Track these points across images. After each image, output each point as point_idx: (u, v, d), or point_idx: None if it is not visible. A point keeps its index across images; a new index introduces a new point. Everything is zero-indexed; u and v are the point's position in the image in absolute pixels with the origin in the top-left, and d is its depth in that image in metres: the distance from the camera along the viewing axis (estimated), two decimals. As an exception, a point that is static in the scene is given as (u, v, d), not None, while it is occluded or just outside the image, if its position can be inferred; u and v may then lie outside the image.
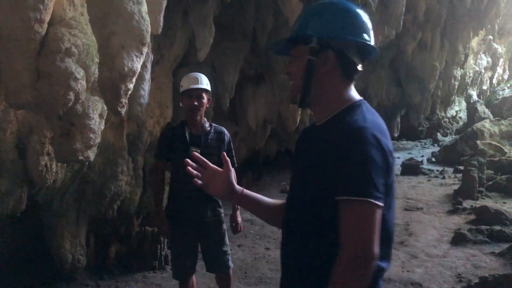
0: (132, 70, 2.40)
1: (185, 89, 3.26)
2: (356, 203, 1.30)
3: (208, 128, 3.34)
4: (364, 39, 1.47)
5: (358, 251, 1.29)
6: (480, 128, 12.55)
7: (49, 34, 2.24)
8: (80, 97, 2.39)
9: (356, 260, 1.28)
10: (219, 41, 5.96)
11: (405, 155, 13.86)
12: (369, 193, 1.30)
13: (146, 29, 2.43)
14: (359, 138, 1.34)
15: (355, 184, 1.31)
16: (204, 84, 3.27)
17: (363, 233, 1.30)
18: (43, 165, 3.40)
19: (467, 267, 5.07)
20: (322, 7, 1.53)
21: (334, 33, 1.46)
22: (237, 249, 5.70)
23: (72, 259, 4.40)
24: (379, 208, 1.31)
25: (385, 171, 1.35)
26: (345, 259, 1.30)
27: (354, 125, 1.38)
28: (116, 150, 4.47)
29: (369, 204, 1.30)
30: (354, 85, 1.54)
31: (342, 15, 1.49)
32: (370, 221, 1.30)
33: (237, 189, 1.63)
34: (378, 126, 1.41)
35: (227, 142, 3.40)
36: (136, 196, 4.86)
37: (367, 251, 1.29)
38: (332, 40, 1.46)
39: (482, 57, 18.31)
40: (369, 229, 1.30)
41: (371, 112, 1.47)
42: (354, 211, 1.31)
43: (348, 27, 1.47)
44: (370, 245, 1.29)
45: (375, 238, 1.31)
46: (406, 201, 8.29)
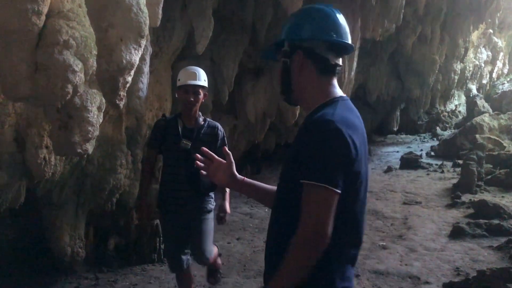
0: (131, 63, 2.38)
1: (182, 84, 3.27)
2: (312, 187, 1.45)
3: (201, 122, 3.34)
4: (331, 37, 1.61)
5: (309, 232, 1.44)
6: (479, 122, 12.55)
7: (47, 26, 2.22)
8: (78, 90, 2.37)
9: (306, 239, 1.44)
10: (218, 34, 5.93)
11: (404, 149, 13.87)
12: (324, 179, 1.44)
13: (144, 22, 2.41)
14: (322, 129, 1.49)
15: (313, 170, 1.46)
16: (201, 80, 3.27)
17: (315, 215, 1.45)
18: (41, 158, 3.39)
19: (465, 260, 5.08)
20: (298, 12, 1.74)
21: (303, 35, 1.62)
22: (236, 242, 5.72)
23: (71, 252, 4.41)
24: (334, 194, 1.45)
25: (347, 162, 1.48)
26: (298, 238, 1.46)
27: (320, 118, 1.52)
28: (115, 143, 4.46)
29: (323, 189, 1.44)
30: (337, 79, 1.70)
31: (312, 17, 1.65)
32: (323, 205, 1.44)
33: (239, 178, 1.82)
34: (346, 121, 1.52)
35: (221, 137, 3.39)
36: (135, 189, 4.85)
37: (317, 232, 1.44)
38: (302, 42, 1.62)
39: (482, 51, 18.27)
40: (322, 212, 1.44)
41: (345, 108, 1.60)
42: (310, 194, 1.46)
43: (317, 28, 1.62)
44: (321, 227, 1.44)
45: (327, 221, 1.45)
46: (404, 195, 8.31)
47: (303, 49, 1.62)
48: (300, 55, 1.62)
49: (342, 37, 1.64)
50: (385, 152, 13.65)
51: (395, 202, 7.87)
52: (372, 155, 12.88)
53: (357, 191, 1.56)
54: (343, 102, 1.63)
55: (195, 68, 3.36)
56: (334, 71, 1.66)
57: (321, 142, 1.47)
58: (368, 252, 5.36)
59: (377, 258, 5.17)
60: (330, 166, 1.45)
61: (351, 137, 1.49)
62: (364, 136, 1.61)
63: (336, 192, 1.45)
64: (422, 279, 4.58)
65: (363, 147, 1.58)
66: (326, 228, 1.44)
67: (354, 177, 1.52)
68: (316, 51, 1.62)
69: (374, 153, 13.18)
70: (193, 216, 3.33)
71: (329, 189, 1.44)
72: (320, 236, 1.44)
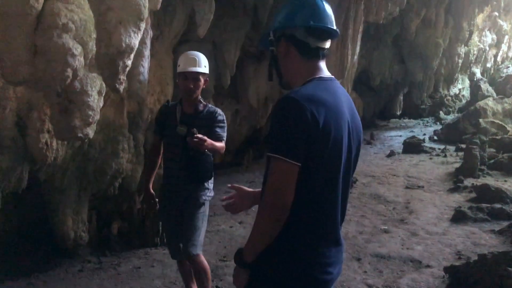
0: (130, 46, 2.37)
1: (181, 71, 3.19)
2: (273, 159, 1.55)
3: (201, 108, 3.25)
4: (308, 23, 1.71)
5: (269, 201, 1.56)
6: (483, 107, 12.47)
7: (45, 9, 2.21)
8: (78, 74, 2.36)
9: (266, 208, 1.57)
10: (220, 17, 5.89)
11: (407, 133, 13.82)
12: (282, 151, 1.53)
13: (144, 5, 2.39)
14: (282, 106, 1.58)
15: (272, 143, 1.57)
16: (202, 66, 3.18)
17: (274, 186, 1.55)
18: (43, 142, 3.40)
19: (466, 244, 5.09)
20: (284, 3, 1.82)
21: (284, 23, 1.75)
22: (238, 226, 5.75)
23: (74, 236, 4.45)
24: (292, 165, 1.53)
25: (308, 135, 1.54)
26: (260, 207, 1.60)
27: (285, 96, 1.61)
28: (116, 127, 4.46)
29: (281, 161, 1.53)
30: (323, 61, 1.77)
31: (293, 6, 1.77)
32: (281, 176, 1.54)
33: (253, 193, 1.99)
34: (310, 97, 1.59)
35: (220, 120, 3.24)
36: (137, 173, 4.87)
37: (275, 201, 1.55)
38: (284, 29, 1.75)
39: (487, 34, 18.09)
40: (280, 182, 1.54)
41: (316, 87, 1.67)
42: (271, 165, 1.57)
43: (296, 15, 1.74)
44: (279, 197, 1.54)
45: (285, 191, 1.55)
46: (407, 179, 8.30)
47: (285, 36, 1.74)
48: (283, 42, 1.75)
49: (321, 22, 1.73)
50: (387, 137, 13.61)
51: (397, 186, 7.86)
52: (375, 139, 12.86)
53: (328, 166, 1.62)
54: (319, 82, 1.71)
55: (195, 53, 3.27)
56: (317, 54, 1.75)
57: (280, 117, 1.57)
58: (370, 236, 5.38)
59: (379, 242, 5.19)
60: (287, 139, 1.54)
61: (312, 111, 1.55)
62: (340, 113, 1.66)
63: (294, 164, 1.53)
64: (424, 263, 4.60)
65: (338, 125, 1.63)
66: (284, 198, 1.54)
67: (320, 151, 1.59)
68: (297, 37, 1.73)
69: (376, 138, 13.15)
70: (186, 206, 3.25)
71: (286, 161, 1.52)
72: (278, 205, 1.55)
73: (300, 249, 1.65)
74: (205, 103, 3.30)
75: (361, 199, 7.02)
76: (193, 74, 3.14)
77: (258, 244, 1.63)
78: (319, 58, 1.76)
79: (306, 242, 1.65)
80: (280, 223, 1.58)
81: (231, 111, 7.46)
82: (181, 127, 3.11)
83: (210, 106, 3.30)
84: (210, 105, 3.32)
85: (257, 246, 1.63)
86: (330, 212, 1.69)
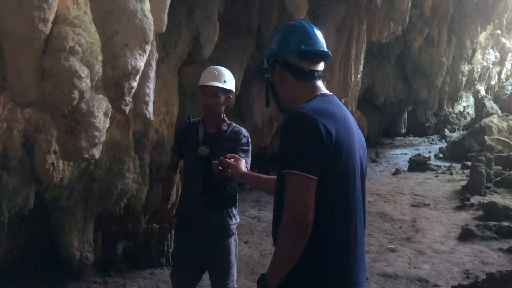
0: (136, 69, 2.41)
1: (199, 84, 2.98)
2: (289, 175, 1.54)
3: (224, 127, 3.01)
4: (299, 47, 1.76)
5: (290, 220, 1.52)
6: (488, 124, 12.46)
7: (53, 33, 2.25)
8: (85, 96, 2.40)
9: (288, 227, 1.52)
10: (224, 38, 5.96)
11: (412, 151, 13.81)
12: (297, 166, 1.52)
13: (149, 28, 2.44)
14: (293, 121, 1.60)
15: (288, 159, 1.57)
16: (221, 81, 2.92)
17: (293, 203, 1.53)
18: (50, 163, 3.44)
19: (474, 263, 5.05)
20: (274, 32, 1.94)
21: (276, 50, 1.80)
22: (244, 245, 5.72)
23: (80, 256, 4.44)
24: (310, 180, 1.52)
25: (321, 147, 1.54)
26: (282, 227, 1.55)
27: (293, 112, 1.64)
28: (122, 148, 4.49)
29: (298, 176, 1.52)
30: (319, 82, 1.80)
31: (282, 33, 1.84)
32: (299, 191, 1.52)
33: (243, 172, 2.14)
34: (318, 110, 1.61)
35: (244, 143, 2.98)
36: (143, 193, 4.88)
37: (297, 219, 1.51)
38: (276, 57, 1.80)
39: (490, 52, 18.16)
40: (299, 199, 1.52)
41: (321, 101, 1.70)
42: (288, 182, 1.55)
43: (287, 41, 1.79)
44: (300, 214, 1.51)
45: (306, 207, 1.52)
46: (413, 197, 8.27)
47: (278, 63, 1.79)
48: (277, 68, 1.79)
49: (312, 46, 1.78)
50: (393, 155, 13.60)
51: (403, 204, 7.83)
52: (380, 158, 12.84)
53: (344, 179, 1.62)
54: (322, 97, 1.74)
55: (217, 67, 3.04)
56: (313, 76, 1.78)
57: (292, 132, 1.58)
58: (376, 255, 5.34)
59: (385, 261, 5.15)
60: (302, 153, 1.54)
61: (324, 124, 1.56)
62: (348, 125, 1.69)
63: (311, 178, 1.52)
64: (431, 282, 4.56)
65: (349, 136, 1.65)
66: (305, 214, 1.51)
67: (336, 165, 1.58)
68: (290, 62, 1.77)
69: (382, 156, 13.14)
70: (213, 239, 2.94)
71: (303, 175, 1.51)
72: (300, 223, 1.51)
73: (325, 270, 1.60)
74: (229, 122, 3.07)
75: (367, 217, 6.96)
76: (211, 89, 2.91)
77: (283, 268, 1.57)
78: (316, 79, 1.79)
79: (330, 262, 1.61)
80: (304, 242, 1.53)
81: (236, 131, 7.50)
82: (204, 147, 2.90)
83: (234, 126, 3.06)
84: (234, 124, 3.08)
85: (281, 269, 1.58)
86: (352, 228, 1.65)
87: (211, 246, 2.95)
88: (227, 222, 2.95)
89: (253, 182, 2.21)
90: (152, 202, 5.22)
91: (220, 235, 2.94)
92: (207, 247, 2.95)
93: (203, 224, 2.91)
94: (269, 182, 2.06)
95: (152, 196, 5.16)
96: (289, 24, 1.90)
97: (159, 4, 2.93)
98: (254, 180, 2.19)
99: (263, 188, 2.14)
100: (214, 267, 2.98)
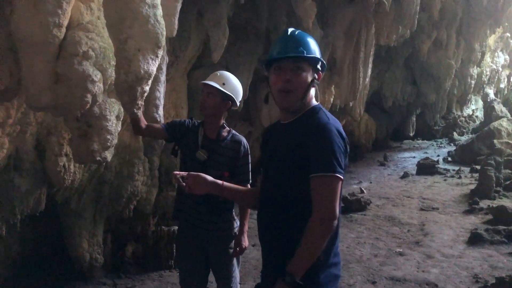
0: (148, 73, 2.44)
1: (200, 82, 3.02)
2: (325, 177, 1.76)
3: (224, 134, 2.98)
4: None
5: (325, 214, 1.75)
6: (497, 127, 12.38)
7: (67, 38, 2.29)
8: (97, 99, 2.43)
9: (323, 220, 1.74)
10: (233, 42, 5.99)
11: (421, 154, 13.75)
12: (334, 169, 1.75)
13: (161, 33, 2.47)
14: (326, 129, 1.82)
15: (325, 163, 1.76)
16: (219, 82, 2.91)
17: (329, 200, 1.76)
18: (61, 166, 3.48)
19: (483, 267, 5.02)
20: (310, 35, 2.04)
21: (319, 55, 1.97)
22: (252, 248, 5.73)
23: (89, 258, 4.48)
24: (340, 180, 1.78)
25: (344, 154, 1.82)
26: (315, 220, 1.74)
27: (321, 121, 1.86)
28: (132, 150, 4.53)
29: (334, 178, 1.76)
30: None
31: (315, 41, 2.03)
32: (334, 191, 1.77)
33: (219, 183, 2.09)
34: (336, 123, 1.89)
35: (243, 154, 2.97)
36: (152, 196, 4.92)
37: (331, 213, 1.76)
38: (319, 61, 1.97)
39: (499, 55, 18.07)
40: (333, 197, 1.76)
41: (329, 113, 1.95)
42: (323, 183, 1.76)
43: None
44: (333, 211, 1.76)
45: (337, 204, 1.78)
46: (421, 201, 8.24)
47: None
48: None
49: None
50: (401, 158, 13.55)
51: (411, 208, 7.81)
52: (388, 161, 12.80)
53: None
54: (324, 109, 1.99)
55: (224, 72, 3.05)
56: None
57: (327, 140, 1.79)
58: (385, 259, 5.33)
59: (394, 264, 5.15)
60: (336, 158, 1.76)
61: (344, 134, 1.86)
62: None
63: (341, 178, 1.78)
64: (440, 286, 4.55)
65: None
66: (336, 211, 1.77)
67: (346, 166, 1.85)
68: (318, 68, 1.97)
69: (390, 159, 13.10)
70: (216, 242, 2.96)
71: (337, 177, 1.76)
72: (333, 218, 1.76)
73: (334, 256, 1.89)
74: (229, 129, 3.04)
75: (376, 221, 6.97)
76: (207, 87, 2.92)
77: (311, 259, 1.75)
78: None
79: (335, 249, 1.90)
80: (330, 235, 1.78)
81: (244, 133, 7.52)
82: (202, 152, 2.89)
83: (234, 133, 3.03)
84: (234, 132, 3.05)
85: (309, 261, 1.75)
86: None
87: (216, 248, 2.98)
88: (230, 224, 3.01)
89: (228, 193, 2.14)
90: (161, 205, 5.26)
91: (221, 237, 2.98)
92: (211, 251, 2.99)
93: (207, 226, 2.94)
94: (247, 194, 2.21)
95: (161, 199, 5.20)
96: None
97: (170, 9, 2.97)
98: (230, 191, 2.14)
99: (241, 200, 2.24)
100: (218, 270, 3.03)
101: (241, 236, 3.01)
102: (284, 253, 1.82)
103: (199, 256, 3.00)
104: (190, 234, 3.00)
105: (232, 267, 3.02)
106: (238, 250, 3.00)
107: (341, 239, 5.88)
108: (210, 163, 2.86)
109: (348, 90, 7.81)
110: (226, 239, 2.99)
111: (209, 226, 2.94)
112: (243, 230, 3.03)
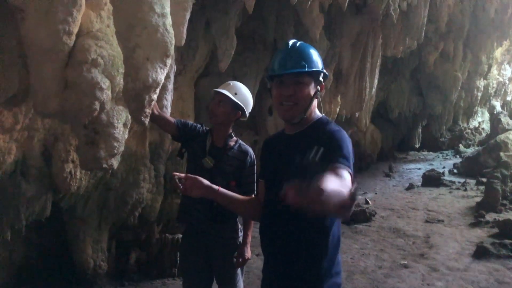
0: (156, 81, 2.45)
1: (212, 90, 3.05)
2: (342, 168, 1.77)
3: (231, 143, 2.99)
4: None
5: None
6: (503, 140, 12.31)
7: (76, 45, 2.31)
8: (105, 107, 2.45)
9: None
10: (240, 51, 6.02)
11: (426, 166, 13.69)
12: (349, 166, 1.77)
13: (170, 42, 2.49)
14: (341, 134, 1.88)
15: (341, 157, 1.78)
16: (231, 92, 2.94)
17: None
18: (67, 172, 3.49)
19: (489, 282, 4.97)
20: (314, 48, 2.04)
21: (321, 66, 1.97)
22: (256, 258, 5.71)
23: (94, 265, 4.48)
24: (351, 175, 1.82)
25: (353, 160, 1.88)
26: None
27: (333, 128, 1.92)
28: (138, 158, 4.54)
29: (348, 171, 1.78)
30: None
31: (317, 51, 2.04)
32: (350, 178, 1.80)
33: (214, 188, 2.07)
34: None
35: (249, 164, 2.98)
36: (157, 203, 4.91)
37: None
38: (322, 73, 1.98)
39: (506, 68, 18.03)
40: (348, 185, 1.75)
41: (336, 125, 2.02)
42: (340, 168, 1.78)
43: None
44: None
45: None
46: (427, 213, 8.18)
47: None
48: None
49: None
50: (406, 169, 13.50)
51: (417, 220, 7.76)
52: (394, 172, 12.75)
53: None
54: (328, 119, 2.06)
55: (237, 83, 3.09)
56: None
57: (344, 143, 1.85)
58: (389, 271, 5.29)
59: (398, 277, 5.11)
60: (351, 158, 1.83)
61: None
62: None
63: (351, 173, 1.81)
64: (445, 300, 4.51)
65: None
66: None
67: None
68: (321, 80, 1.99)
69: (395, 170, 13.05)
70: (218, 252, 2.96)
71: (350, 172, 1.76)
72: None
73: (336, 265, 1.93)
74: (236, 138, 3.06)
75: (380, 232, 6.93)
76: (219, 96, 2.94)
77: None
78: None
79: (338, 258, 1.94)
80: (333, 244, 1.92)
81: (250, 142, 7.53)
82: (209, 159, 2.89)
83: (241, 143, 3.05)
84: (241, 142, 3.07)
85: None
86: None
87: (218, 259, 2.98)
88: (234, 232, 3.01)
89: (223, 200, 2.11)
90: (165, 212, 5.26)
91: (227, 247, 2.97)
92: (215, 260, 2.98)
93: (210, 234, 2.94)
94: (243, 203, 2.19)
95: (166, 206, 5.20)
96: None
97: (179, 19, 2.99)
98: (226, 198, 2.11)
99: (236, 208, 2.22)
100: (222, 279, 3.02)
101: (244, 247, 3.00)
102: (290, 267, 1.83)
103: (203, 265, 2.99)
104: (195, 242, 2.99)
105: (236, 276, 3.00)
106: (241, 260, 2.99)
107: (346, 250, 5.88)
108: (217, 171, 2.86)
109: (354, 101, 7.82)
110: (231, 248, 2.99)
111: (213, 233, 2.94)
112: (246, 241, 3.01)
